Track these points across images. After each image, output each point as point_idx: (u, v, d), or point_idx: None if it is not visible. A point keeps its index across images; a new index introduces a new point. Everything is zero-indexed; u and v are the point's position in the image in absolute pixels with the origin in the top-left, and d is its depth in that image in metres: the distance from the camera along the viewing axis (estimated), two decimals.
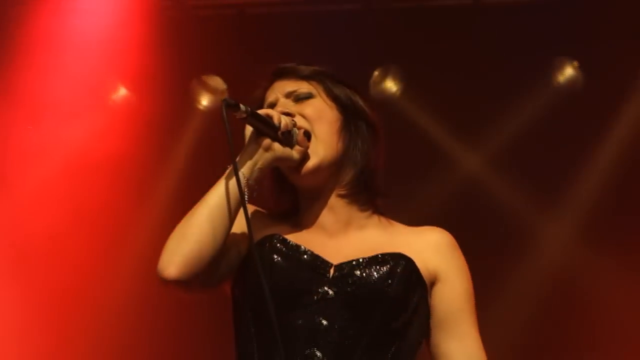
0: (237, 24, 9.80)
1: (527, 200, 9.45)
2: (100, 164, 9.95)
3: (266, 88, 4.04)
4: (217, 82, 9.95)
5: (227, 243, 3.82)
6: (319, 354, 3.64)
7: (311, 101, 3.92)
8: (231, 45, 9.48)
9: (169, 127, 9.97)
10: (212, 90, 10.04)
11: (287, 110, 3.82)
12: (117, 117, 10.21)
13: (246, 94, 4.10)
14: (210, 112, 10.13)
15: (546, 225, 9.43)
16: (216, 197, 3.71)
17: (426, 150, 9.36)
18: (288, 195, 4.01)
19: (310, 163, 3.78)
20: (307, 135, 3.83)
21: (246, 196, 3.67)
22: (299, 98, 3.93)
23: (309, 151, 3.83)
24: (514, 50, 9.06)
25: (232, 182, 3.69)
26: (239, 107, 3.55)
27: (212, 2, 9.97)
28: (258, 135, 3.68)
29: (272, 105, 3.95)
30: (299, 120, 3.80)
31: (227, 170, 3.71)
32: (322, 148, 3.83)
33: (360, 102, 4.01)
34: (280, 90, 3.99)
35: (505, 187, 9.53)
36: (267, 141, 3.60)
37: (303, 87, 3.97)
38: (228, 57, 9.68)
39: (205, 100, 10.01)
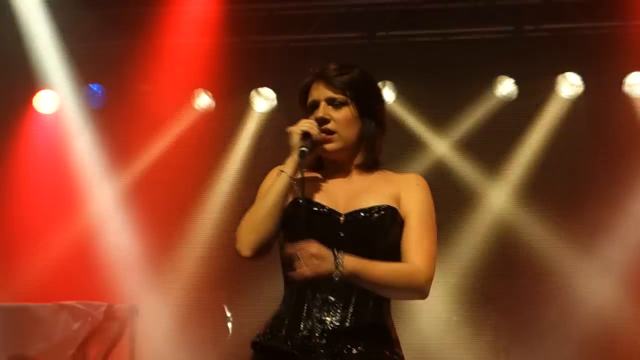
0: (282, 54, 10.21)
1: (478, 173, 10.73)
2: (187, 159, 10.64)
3: (309, 84, 4.57)
4: (268, 92, 10.44)
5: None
6: (336, 277, 4.20)
7: (343, 109, 4.44)
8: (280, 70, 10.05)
9: (231, 127, 10.66)
10: (265, 98, 10.48)
11: (325, 117, 4.41)
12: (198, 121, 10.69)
13: None
14: (263, 115, 10.66)
15: (491, 190, 10.74)
16: (274, 197, 4.36)
17: (409, 139, 10.53)
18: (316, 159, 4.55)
19: (331, 147, 4.43)
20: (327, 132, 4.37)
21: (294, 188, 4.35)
22: (335, 104, 4.44)
23: (334, 138, 4.43)
24: (470, 70, 10.25)
25: (282, 186, 4.32)
26: (304, 155, 4.31)
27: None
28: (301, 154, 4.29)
29: (316, 103, 4.49)
30: (332, 125, 4.41)
31: (280, 177, 4.33)
32: (342, 141, 4.45)
33: (376, 107, 4.55)
34: (323, 94, 4.50)
35: (464, 165, 10.70)
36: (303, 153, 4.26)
37: (339, 96, 4.45)
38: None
39: (260, 106, 10.49)
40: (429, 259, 4.39)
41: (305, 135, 4.30)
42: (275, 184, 4.33)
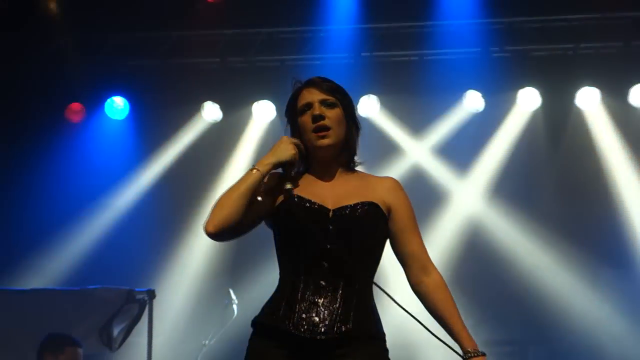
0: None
1: (449, 176, 10.63)
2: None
3: (300, 89, 4.47)
4: (268, 104, 10.35)
5: (248, 213, 4.37)
6: (325, 264, 4.28)
7: (335, 109, 4.39)
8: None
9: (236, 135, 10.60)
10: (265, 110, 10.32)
11: (321, 114, 4.33)
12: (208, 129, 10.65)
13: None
14: (263, 124, 10.56)
15: (461, 189, 10.62)
16: (243, 188, 4.33)
17: (390, 145, 10.44)
18: (304, 162, 4.50)
19: (327, 141, 4.36)
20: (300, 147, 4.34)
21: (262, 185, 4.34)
22: (327, 105, 4.38)
23: (329, 134, 4.37)
24: (443, 85, 10.18)
25: (253, 181, 4.30)
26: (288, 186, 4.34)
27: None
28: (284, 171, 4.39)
29: (309, 105, 4.40)
30: (327, 122, 4.34)
31: (253, 174, 4.32)
32: (335, 137, 4.38)
33: (354, 112, 4.53)
34: (316, 96, 4.41)
35: (437, 168, 10.59)
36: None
37: (330, 98, 4.39)
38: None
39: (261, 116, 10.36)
40: (424, 247, 4.52)
41: (298, 148, 4.33)
42: (248, 178, 4.33)
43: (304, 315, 4.20)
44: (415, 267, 4.47)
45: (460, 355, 4.31)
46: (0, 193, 9.80)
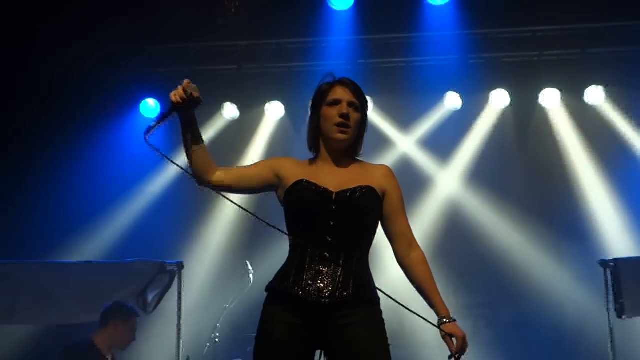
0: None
1: (432, 165, 10.57)
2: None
3: (333, 84, 4.45)
4: (278, 105, 10.29)
5: (252, 174, 4.57)
6: (329, 238, 4.30)
7: (357, 113, 4.40)
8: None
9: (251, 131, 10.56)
10: (276, 109, 10.32)
11: (348, 114, 4.31)
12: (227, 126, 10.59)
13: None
14: (274, 122, 10.50)
15: (443, 176, 10.53)
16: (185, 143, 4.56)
17: (383, 138, 10.41)
18: (317, 146, 4.53)
19: (344, 137, 4.37)
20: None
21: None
22: (354, 107, 4.37)
23: (349, 132, 4.35)
24: (427, 87, 10.11)
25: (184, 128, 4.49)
26: (151, 129, 4.37)
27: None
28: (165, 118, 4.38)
29: (339, 101, 4.39)
30: (350, 122, 4.35)
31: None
32: (352, 136, 4.39)
33: (367, 116, 4.51)
34: (345, 96, 4.39)
35: (422, 158, 10.55)
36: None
37: (357, 102, 4.38)
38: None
39: (272, 115, 10.30)
40: (410, 227, 4.54)
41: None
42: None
43: (310, 283, 4.25)
44: (401, 243, 4.49)
45: (434, 325, 4.34)
46: (55, 179, 9.66)
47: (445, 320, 4.35)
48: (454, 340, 4.34)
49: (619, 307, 7.69)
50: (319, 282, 4.25)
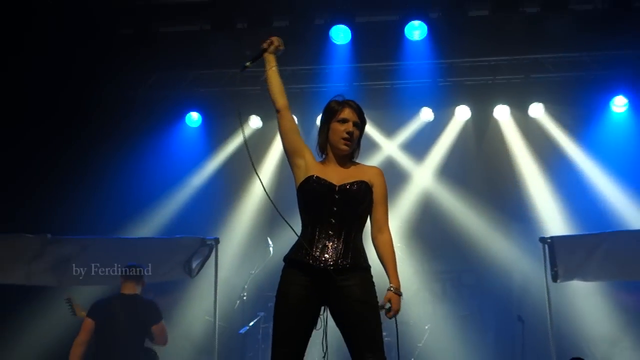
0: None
1: (411, 162, 10.40)
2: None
3: (344, 106, 4.50)
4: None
5: (296, 133, 4.53)
6: (333, 220, 4.34)
7: (358, 131, 4.47)
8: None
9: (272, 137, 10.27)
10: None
11: (353, 132, 4.41)
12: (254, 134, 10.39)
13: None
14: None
15: (418, 172, 10.36)
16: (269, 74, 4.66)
17: (372, 144, 10.17)
18: (324, 150, 4.50)
19: (346, 149, 4.41)
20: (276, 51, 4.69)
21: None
22: (356, 126, 4.45)
23: (350, 145, 4.41)
24: (407, 104, 10.10)
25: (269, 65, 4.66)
26: (246, 65, 4.63)
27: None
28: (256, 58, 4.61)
29: (347, 120, 4.45)
30: (352, 137, 4.41)
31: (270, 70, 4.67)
32: (351, 147, 4.45)
33: (364, 131, 4.58)
34: (352, 117, 4.47)
35: (402, 158, 10.40)
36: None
37: (359, 122, 4.47)
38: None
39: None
40: (387, 216, 4.52)
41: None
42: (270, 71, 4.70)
43: (318, 254, 4.33)
44: (375, 227, 4.50)
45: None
46: (122, 175, 9.60)
47: (391, 288, 4.34)
48: (390, 302, 4.31)
49: (554, 273, 7.71)
50: (325, 253, 4.32)
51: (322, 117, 4.61)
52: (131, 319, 7.25)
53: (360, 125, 4.53)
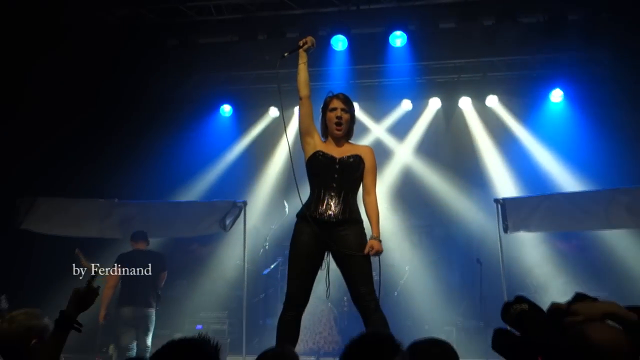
0: None
1: (394, 142, 10.29)
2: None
3: (332, 98, 4.51)
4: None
5: (310, 118, 4.46)
6: (334, 185, 4.34)
7: (347, 114, 4.45)
8: None
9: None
10: None
11: (342, 116, 4.35)
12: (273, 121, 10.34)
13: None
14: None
15: (400, 149, 10.26)
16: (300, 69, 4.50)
17: (362, 127, 10.03)
18: (325, 134, 4.50)
19: (340, 131, 4.40)
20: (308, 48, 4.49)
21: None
22: (344, 111, 4.43)
23: (343, 128, 4.37)
24: (391, 96, 9.96)
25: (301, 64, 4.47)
26: (284, 55, 4.57)
27: None
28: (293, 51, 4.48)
29: (335, 108, 4.42)
30: (343, 121, 4.33)
31: (301, 65, 4.50)
32: (344, 129, 4.42)
33: (354, 115, 4.57)
34: (339, 104, 4.47)
35: (388, 138, 10.28)
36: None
37: (346, 107, 4.45)
38: None
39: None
40: (374, 182, 4.48)
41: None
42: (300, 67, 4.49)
43: (323, 210, 4.40)
44: (365, 191, 4.48)
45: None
46: (168, 153, 9.55)
47: (373, 237, 4.31)
48: (372, 247, 4.27)
49: (505, 226, 7.64)
50: (329, 210, 4.39)
51: (321, 110, 4.62)
52: (146, 267, 7.14)
53: (348, 109, 4.49)
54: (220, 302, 9.09)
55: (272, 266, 8.86)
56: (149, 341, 7.21)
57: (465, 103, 10.02)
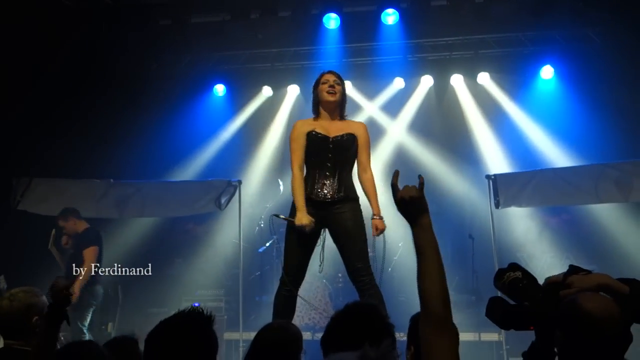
0: None
1: (387, 119, 10.23)
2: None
3: (323, 74, 4.60)
4: (295, 88, 9.97)
5: (302, 152, 4.46)
6: (329, 164, 4.48)
7: (339, 86, 4.54)
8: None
9: (279, 104, 10.22)
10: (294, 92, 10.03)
11: (335, 85, 4.49)
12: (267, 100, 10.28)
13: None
14: (294, 99, 10.17)
15: (393, 127, 10.18)
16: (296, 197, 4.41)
17: (355, 105, 9.88)
18: (317, 111, 4.55)
19: (334, 98, 4.51)
20: None
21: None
22: (337, 83, 4.53)
23: (337, 95, 4.49)
24: (384, 74, 9.85)
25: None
26: (278, 216, 4.42)
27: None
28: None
29: (327, 80, 4.51)
30: (336, 89, 4.48)
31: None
32: (337, 97, 4.52)
33: (345, 90, 4.69)
34: (331, 78, 4.55)
35: (381, 116, 10.25)
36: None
37: (338, 80, 4.55)
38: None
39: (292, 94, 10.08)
40: (369, 158, 4.59)
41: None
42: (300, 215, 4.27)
43: (319, 189, 4.43)
44: (361, 168, 4.57)
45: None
46: (163, 133, 9.48)
47: (375, 217, 4.41)
48: (377, 227, 4.39)
49: (496, 202, 7.71)
50: (324, 189, 4.43)
51: (313, 87, 4.68)
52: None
53: (340, 82, 4.55)
54: (217, 280, 9.10)
55: (267, 244, 8.87)
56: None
57: (457, 80, 9.95)
